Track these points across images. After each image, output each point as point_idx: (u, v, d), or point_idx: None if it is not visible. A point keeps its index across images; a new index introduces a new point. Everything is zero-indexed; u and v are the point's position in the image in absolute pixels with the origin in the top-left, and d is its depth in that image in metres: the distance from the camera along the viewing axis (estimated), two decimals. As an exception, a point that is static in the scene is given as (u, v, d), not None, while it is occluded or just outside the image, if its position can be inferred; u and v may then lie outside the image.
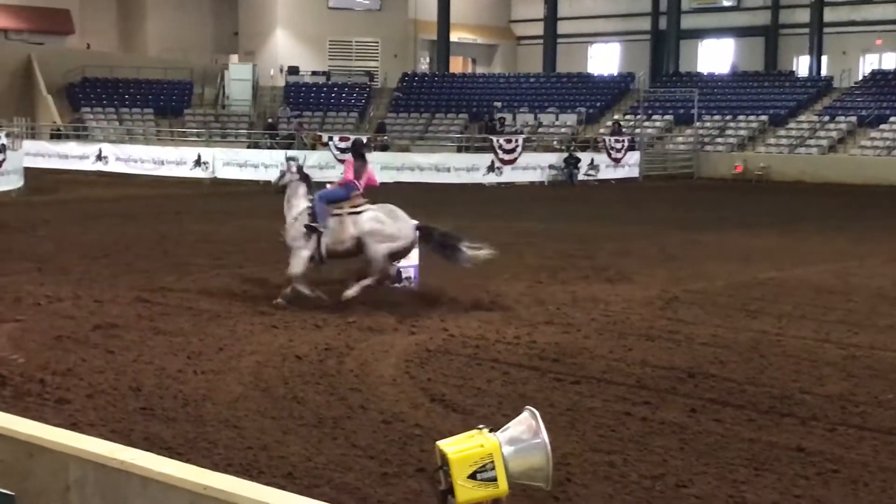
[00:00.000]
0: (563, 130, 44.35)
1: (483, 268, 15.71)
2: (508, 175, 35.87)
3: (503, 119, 44.17)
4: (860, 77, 46.49)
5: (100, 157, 37.28)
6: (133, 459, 4.63)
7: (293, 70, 49.98)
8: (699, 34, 53.13)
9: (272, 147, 39.51)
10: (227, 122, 46.28)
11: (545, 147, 40.87)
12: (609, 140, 39.09)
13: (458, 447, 4.39)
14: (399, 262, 13.17)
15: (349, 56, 54.02)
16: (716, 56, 53.71)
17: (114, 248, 17.42)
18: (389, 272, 12.91)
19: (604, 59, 57.26)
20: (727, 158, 40.75)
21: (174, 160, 36.57)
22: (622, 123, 43.22)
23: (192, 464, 5.67)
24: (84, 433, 6.23)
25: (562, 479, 6.62)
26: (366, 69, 52.49)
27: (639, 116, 44.10)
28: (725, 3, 53.12)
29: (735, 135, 42.73)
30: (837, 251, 18.45)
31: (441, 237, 13.01)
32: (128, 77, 47.11)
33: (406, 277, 13.72)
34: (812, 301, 13.35)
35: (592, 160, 37.63)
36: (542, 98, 47.83)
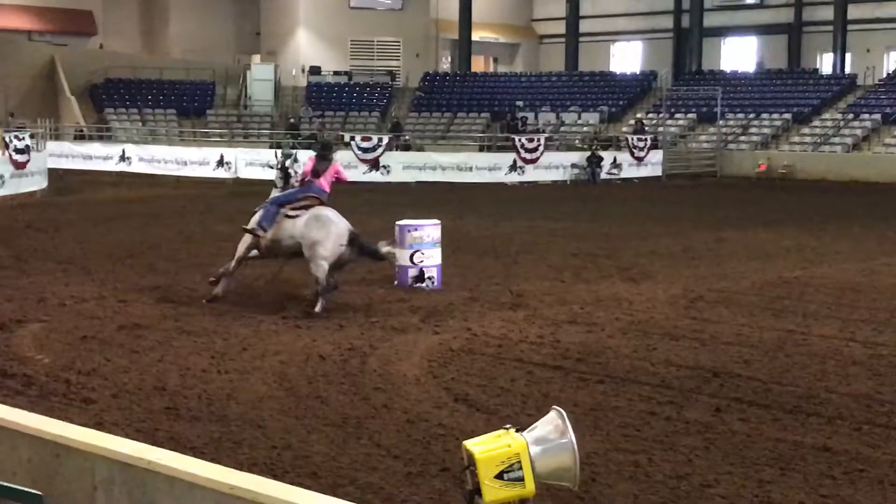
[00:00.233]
0: (586, 129, 44.23)
1: (508, 267, 15.75)
2: (531, 174, 35.80)
3: (525, 118, 44.09)
4: (884, 74, 46.12)
5: (123, 158, 37.42)
6: (160, 459, 4.65)
7: (315, 70, 50.04)
8: (722, 32, 52.86)
9: (294, 147, 39.54)
10: (250, 123, 46.38)
11: (567, 146, 40.79)
12: (632, 139, 38.97)
13: (486, 447, 4.38)
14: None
15: (371, 56, 54.04)
16: (739, 54, 53.47)
17: (138, 249, 17.49)
18: (321, 279, 12.43)
19: (626, 58, 57.06)
20: (750, 157, 40.54)
21: (197, 160, 36.66)
22: (645, 122, 43.08)
23: (217, 463, 5.69)
24: (109, 433, 6.26)
25: (587, 479, 6.60)
26: (387, 69, 52.50)
27: (661, 115, 43.92)
28: (748, 1, 52.83)
29: (758, 133, 42.51)
30: (862, 249, 18.33)
31: (364, 243, 12.66)
32: (150, 78, 47.28)
33: (429, 278, 13.74)
34: (837, 300, 13.28)
35: (615, 159, 37.50)
36: (565, 97, 47.72)
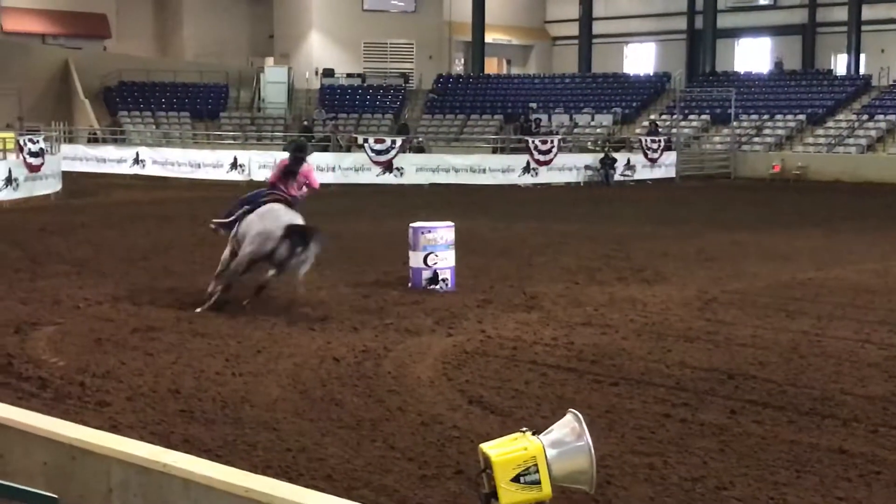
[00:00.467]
0: (599, 131, 44.21)
1: (522, 269, 15.74)
2: (544, 176, 35.77)
3: (539, 120, 44.08)
4: (899, 75, 46.00)
5: (137, 161, 37.54)
6: (175, 462, 4.66)
7: (328, 72, 50.11)
8: (735, 33, 52.73)
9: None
10: (263, 125, 46.47)
11: (580, 148, 40.75)
12: (645, 140, 38.92)
13: (502, 450, 4.38)
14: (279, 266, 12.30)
15: (384, 58, 54.07)
16: (753, 55, 53.34)
17: (152, 251, 17.53)
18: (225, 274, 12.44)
19: (639, 59, 56.97)
20: (765, 158, 40.44)
21: (211, 163, 36.75)
22: (658, 123, 43.01)
23: (232, 466, 5.69)
24: (124, 435, 6.27)
25: (602, 482, 6.58)
26: (401, 71, 52.53)
27: (675, 116, 43.86)
28: (762, 2, 52.67)
29: (772, 134, 42.41)
30: (877, 251, 18.26)
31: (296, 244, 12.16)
32: (164, 80, 47.44)
33: (442, 280, 13.73)
34: (852, 301, 13.23)
35: (629, 160, 37.47)
36: (578, 98, 47.67)
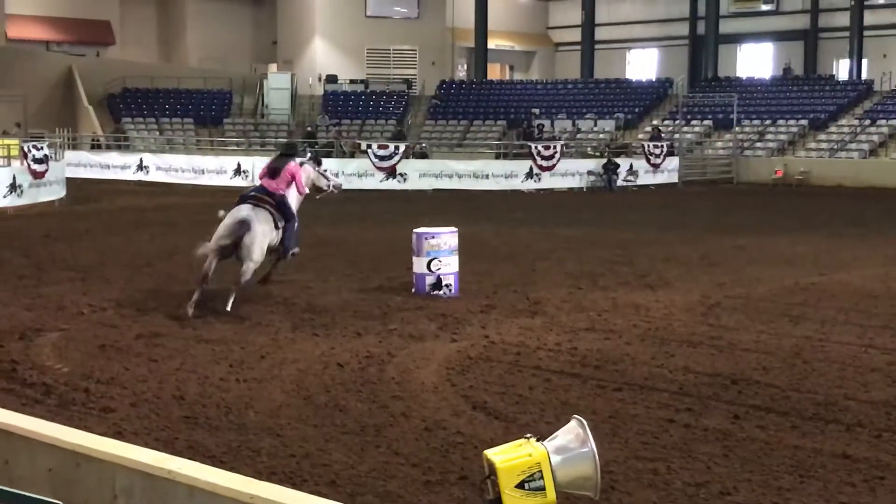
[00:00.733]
0: (602, 136, 44.23)
1: (525, 274, 15.75)
2: (547, 181, 35.80)
3: (541, 125, 44.11)
4: (901, 80, 46.00)
5: (141, 167, 37.59)
6: (180, 468, 4.66)
7: (331, 78, 50.16)
8: (738, 38, 52.76)
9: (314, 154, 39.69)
10: (267, 131, 46.50)
11: (581, 154, 40.79)
12: (648, 146, 38.94)
13: (506, 456, 4.38)
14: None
15: (387, 64, 54.14)
16: (755, 60, 53.37)
17: (156, 258, 17.55)
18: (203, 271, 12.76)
19: (642, 65, 57.04)
20: (767, 163, 40.44)
21: (214, 169, 36.80)
22: (661, 129, 43.03)
23: (236, 472, 5.70)
24: (128, 442, 6.28)
25: (606, 487, 6.58)
26: (404, 77, 52.60)
27: (677, 122, 43.88)
28: (764, 8, 52.73)
29: (775, 139, 42.41)
30: (880, 255, 18.26)
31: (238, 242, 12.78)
32: (168, 87, 47.50)
33: (446, 285, 13.74)
34: (855, 306, 13.22)
35: (631, 166, 37.50)
36: (581, 104, 47.70)
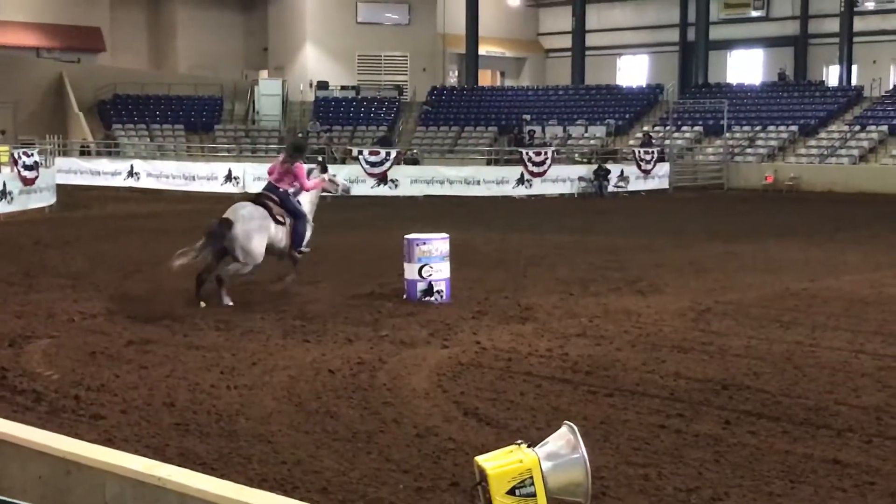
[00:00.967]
0: (593, 142, 44.31)
1: (516, 280, 15.76)
2: (538, 187, 35.83)
3: (532, 132, 44.16)
4: (891, 86, 46.13)
5: (131, 174, 37.54)
6: (170, 476, 4.66)
7: (322, 85, 50.17)
8: (728, 45, 52.92)
9: (304, 161, 39.65)
10: (258, 138, 46.50)
11: (571, 160, 40.85)
12: (639, 152, 39.00)
13: (497, 462, 4.38)
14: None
15: (378, 70, 54.17)
16: (745, 66, 53.52)
17: (147, 264, 17.48)
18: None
19: (632, 71, 57.16)
20: (757, 169, 40.55)
21: (205, 175, 36.76)
22: (652, 135, 43.11)
23: (227, 479, 5.70)
24: (119, 449, 6.27)
25: (597, 493, 6.59)
26: (395, 83, 52.63)
27: (668, 128, 43.97)
28: (754, 14, 52.91)
29: (765, 145, 42.52)
30: (870, 261, 18.30)
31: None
32: (158, 93, 47.47)
33: (437, 291, 13.74)
34: (846, 312, 13.25)
35: (622, 172, 37.55)
36: (571, 110, 47.78)
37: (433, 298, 13.68)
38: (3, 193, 26.49)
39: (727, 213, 29.85)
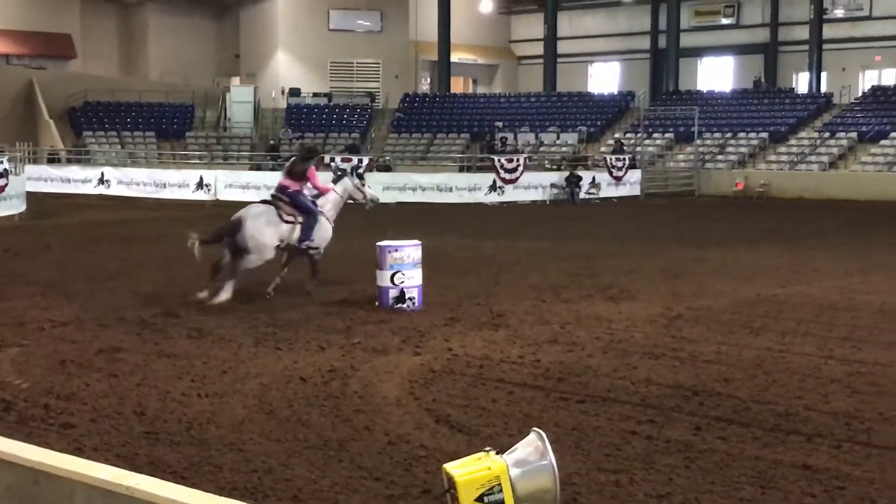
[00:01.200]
0: (565, 149, 44.44)
1: (489, 287, 15.78)
2: (510, 194, 35.93)
3: (504, 139, 44.24)
4: (860, 93, 46.56)
5: (102, 181, 37.37)
6: (139, 485, 4.62)
7: (294, 92, 50.12)
8: (698, 52, 53.28)
9: (274, 168, 39.58)
10: (229, 145, 46.38)
11: (543, 167, 40.98)
12: (610, 159, 39.15)
13: (466, 470, 4.38)
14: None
15: (350, 77, 54.18)
16: (716, 73, 53.84)
17: (117, 272, 17.44)
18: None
19: (604, 78, 57.40)
20: (728, 175, 40.79)
21: (176, 183, 36.63)
22: (623, 142, 43.29)
23: (197, 488, 5.67)
24: (88, 458, 6.23)
25: (568, 499, 6.61)
26: (367, 90, 52.64)
27: (639, 134, 44.16)
28: (724, 21, 53.29)
29: (735, 152, 42.78)
30: (840, 267, 18.42)
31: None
32: (129, 101, 47.28)
33: (409, 298, 13.73)
34: (816, 318, 13.33)
35: (594, 178, 37.68)
36: (543, 117, 47.93)
37: (405, 305, 13.67)
38: (-28, 201, 26.32)
39: (698, 220, 29.99)
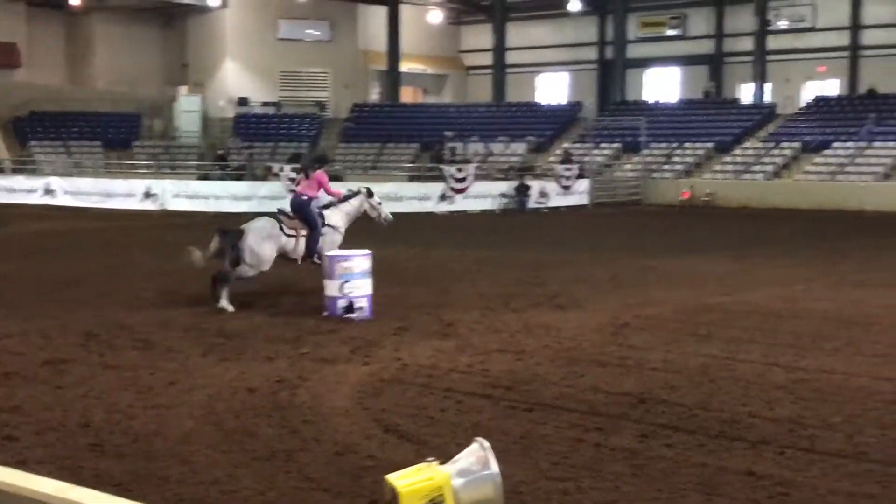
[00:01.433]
0: (514, 159, 44.58)
1: (438, 296, 15.79)
2: (460, 204, 36.00)
3: (454, 148, 44.32)
4: (803, 103, 47.15)
5: (48, 191, 37.00)
6: (81, 498, 4.57)
7: (243, 101, 49.91)
8: (645, 63, 53.69)
9: (223, 178, 39.39)
10: (177, 154, 46.07)
11: (496, 176, 41.08)
12: (559, 168, 39.35)
13: (408, 481, 4.39)
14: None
15: (300, 87, 54.02)
16: (662, 84, 54.27)
17: (63, 283, 17.26)
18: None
19: (552, 89, 57.66)
20: (674, 185, 41.12)
21: (123, 193, 36.35)
22: (571, 151, 43.52)
23: (143, 501, 5.62)
24: (32, 471, 6.14)
25: (515, 508, 6.63)
26: (316, 99, 52.52)
27: (587, 144, 44.40)
28: (670, 33, 53.77)
29: (682, 162, 43.15)
30: (784, 275, 18.64)
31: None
32: (76, 110, 46.83)
33: (358, 308, 13.72)
34: (760, 325, 13.48)
35: (543, 188, 37.85)
36: (493, 127, 48.04)
37: (354, 315, 13.65)
38: (-85, 211, 25.95)
39: (645, 229, 30.21)
